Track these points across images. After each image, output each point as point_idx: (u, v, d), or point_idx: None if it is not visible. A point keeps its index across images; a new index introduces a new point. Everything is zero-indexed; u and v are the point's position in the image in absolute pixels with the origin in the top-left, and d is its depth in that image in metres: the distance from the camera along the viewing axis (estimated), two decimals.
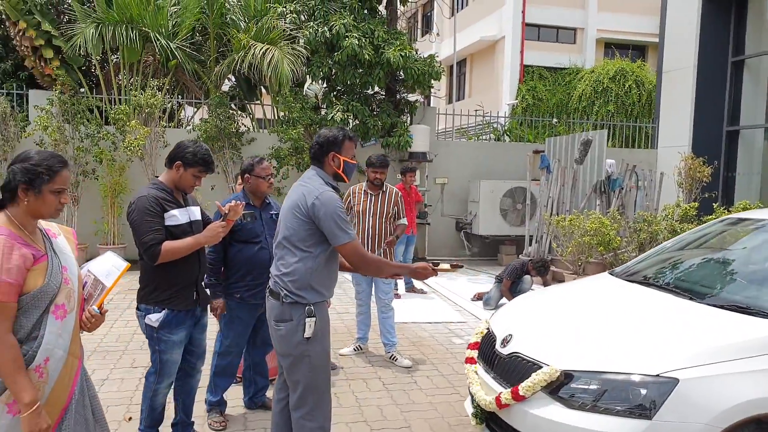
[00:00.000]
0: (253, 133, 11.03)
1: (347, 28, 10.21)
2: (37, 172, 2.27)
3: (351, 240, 2.99)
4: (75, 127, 9.59)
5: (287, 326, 3.02)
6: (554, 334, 3.40)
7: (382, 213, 5.51)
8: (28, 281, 2.21)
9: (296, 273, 3.01)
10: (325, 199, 2.95)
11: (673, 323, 3.18)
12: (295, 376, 3.08)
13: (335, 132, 3.15)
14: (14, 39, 10.25)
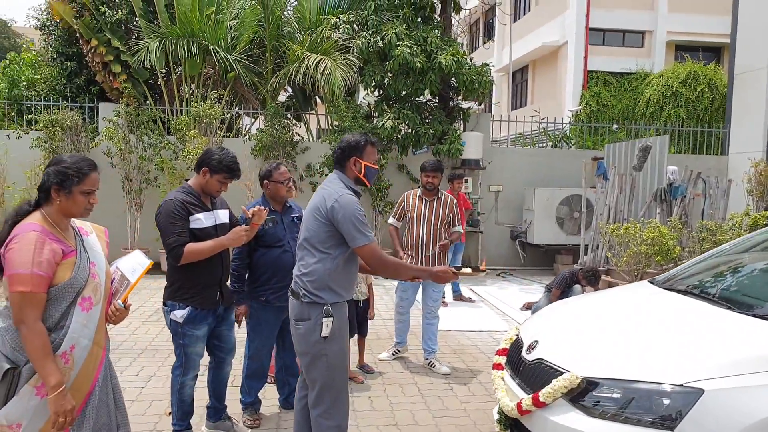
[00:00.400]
0: (307, 142, 11.24)
1: (399, 36, 10.27)
2: (67, 174, 2.46)
3: (369, 242, 3.02)
4: (139, 137, 10.08)
5: (305, 325, 3.09)
6: (580, 340, 3.30)
7: (436, 219, 5.46)
8: (58, 274, 2.38)
9: (315, 273, 3.08)
10: (344, 202, 3.01)
11: (705, 332, 3.02)
12: (312, 375, 3.13)
13: (357, 137, 3.19)
14: (87, 55, 10.89)
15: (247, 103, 11.81)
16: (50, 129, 9.67)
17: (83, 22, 10.60)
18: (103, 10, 10.58)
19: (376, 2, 10.74)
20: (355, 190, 3.17)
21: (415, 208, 5.49)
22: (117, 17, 10.67)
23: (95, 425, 2.49)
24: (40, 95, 11.36)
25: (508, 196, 11.89)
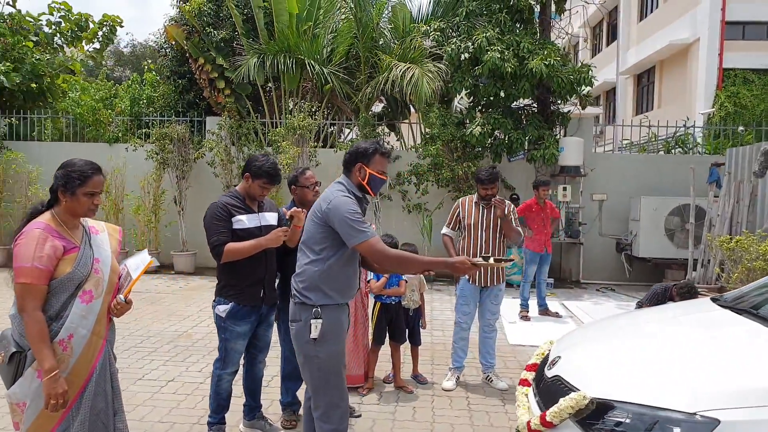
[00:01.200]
0: (397, 150, 11.26)
1: (490, 41, 10.00)
2: (71, 176, 2.64)
3: (366, 238, 2.93)
4: (239, 149, 10.65)
5: (297, 326, 3.08)
6: (605, 358, 2.97)
7: (495, 226, 5.14)
8: (59, 268, 2.57)
9: (305, 274, 3.06)
10: (337, 203, 2.96)
11: (743, 358, 2.59)
12: (306, 376, 3.14)
13: (368, 144, 3.14)
14: (196, 73, 11.72)
15: (343, 114, 12.08)
16: (161, 142, 10.51)
17: (192, 43, 11.43)
18: (209, 30, 11.34)
19: (468, 8, 10.55)
20: (358, 197, 3.10)
21: (472, 216, 5.19)
22: (221, 36, 11.38)
23: (92, 409, 2.64)
24: (157, 111, 12.40)
25: (613, 205, 11.13)
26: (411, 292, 5.12)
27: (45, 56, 12.28)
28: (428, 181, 10.42)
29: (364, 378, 4.99)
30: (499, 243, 5.19)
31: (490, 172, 5.14)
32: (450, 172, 10.17)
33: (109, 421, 2.72)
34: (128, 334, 6.48)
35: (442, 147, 10.32)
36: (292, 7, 11.37)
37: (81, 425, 2.61)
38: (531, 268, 7.83)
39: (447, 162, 10.27)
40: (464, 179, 10.36)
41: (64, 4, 12.94)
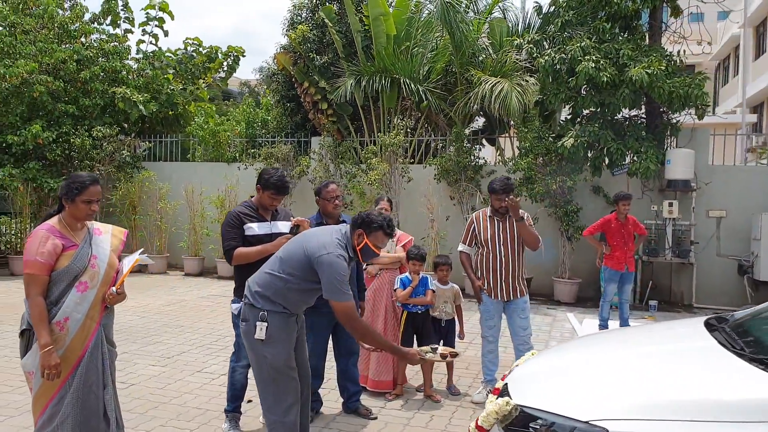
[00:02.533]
0: (492, 165, 11.14)
1: (585, 51, 9.63)
2: (71, 187, 3.14)
3: (345, 300, 3.14)
4: (336, 166, 11.18)
5: (245, 326, 3.31)
6: (548, 371, 2.92)
7: (512, 239, 4.97)
8: (59, 262, 3.06)
9: (264, 282, 3.31)
10: (331, 261, 3.15)
11: (662, 374, 2.50)
12: (255, 372, 3.35)
13: (377, 218, 3.31)
14: (301, 96, 12.50)
15: (441, 131, 12.19)
16: (268, 160, 11.35)
17: (298, 68, 12.23)
18: (313, 56, 12.07)
19: (564, 18, 10.25)
20: (348, 254, 3.28)
21: (488, 230, 5.02)
22: (323, 61, 12.06)
23: (86, 381, 3.08)
24: (269, 133, 13.38)
25: (734, 223, 10.12)
26: (443, 303, 5.12)
27: (179, 86, 13.79)
28: (519, 196, 10.17)
29: (393, 384, 5.05)
30: (519, 255, 5.01)
31: (504, 182, 4.97)
32: (543, 186, 9.88)
33: (100, 392, 3.15)
34: (207, 333, 7.07)
35: (534, 160, 10.06)
36: (390, 29, 11.76)
37: (74, 393, 3.06)
38: (610, 287, 7.37)
39: (540, 176, 9.98)
40: (560, 194, 10.00)
41: (196, 39, 14.46)
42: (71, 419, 3.03)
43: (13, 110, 11.99)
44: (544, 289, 10.53)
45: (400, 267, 5.19)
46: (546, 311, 9.23)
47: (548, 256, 10.54)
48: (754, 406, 2.03)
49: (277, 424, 3.27)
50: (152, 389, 5.08)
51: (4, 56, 11.80)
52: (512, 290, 4.98)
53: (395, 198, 10.89)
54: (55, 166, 12.08)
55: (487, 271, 5.01)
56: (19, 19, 12.18)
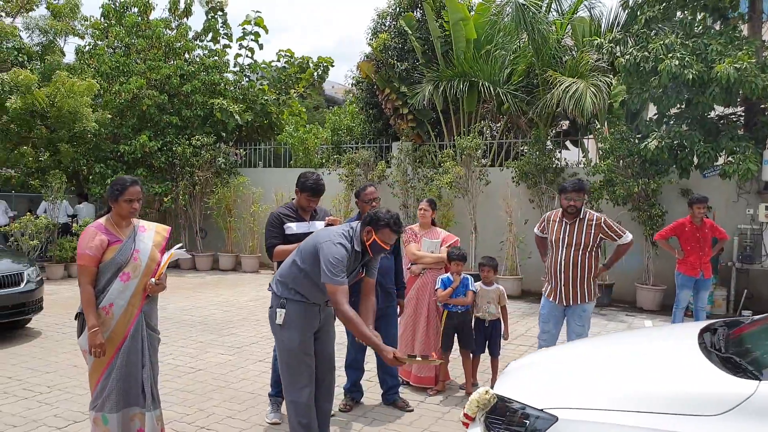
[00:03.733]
0: (574, 168, 10.89)
1: (669, 48, 9.22)
2: (114, 189, 3.58)
3: (334, 283, 3.34)
4: (414, 170, 11.41)
5: (270, 311, 3.65)
6: (534, 367, 3.01)
7: (577, 244, 4.84)
8: (105, 255, 3.51)
9: (284, 271, 3.63)
10: (328, 246, 3.43)
11: (626, 368, 2.60)
12: (277, 354, 3.67)
13: (384, 216, 3.51)
14: (382, 103, 12.85)
15: (523, 133, 12.07)
16: (349, 166, 11.79)
17: (380, 75, 12.59)
18: (393, 62, 12.38)
19: (648, 15, 9.86)
20: (355, 248, 3.51)
21: (554, 232, 4.97)
22: (403, 67, 12.34)
23: (128, 361, 3.51)
24: (354, 139, 13.86)
25: None
26: (486, 303, 5.18)
27: (272, 96, 14.63)
28: (600, 199, 9.90)
29: (435, 380, 5.19)
30: (584, 260, 4.89)
31: (575, 181, 4.93)
32: (624, 189, 9.55)
33: (139, 370, 3.55)
34: None
35: (616, 162, 9.74)
36: (470, 33, 11.83)
37: (119, 370, 3.49)
38: (683, 294, 7.01)
39: (621, 179, 9.65)
40: (644, 197, 9.62)
41: (288, 51, 15.27)
42: (116, 392, 3.45)
43: (126, 122, 13.30)
44: (626, 295, 10.16)
45: (444, 267, 5.32)
46: (623, 318, 8.92)
47: (631, 262, 10.14)
48: (696, 401, 2.02)
49: (290, 404, 3.57)
50: (216, 375, 5.55)
51: (120, 74, 13.13)
52: (572, 295, 4.87)
53: (472, 201, 10.94)
54: (160, 172, 13.23)
55: (550, 272, 4.98)
56: (132, 41, 13.50)
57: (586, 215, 4.96)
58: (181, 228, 13.74)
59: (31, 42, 13.51)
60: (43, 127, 11.84)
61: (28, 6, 13.53)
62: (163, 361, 5.87)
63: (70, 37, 14.77)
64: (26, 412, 4.56)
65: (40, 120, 11.60)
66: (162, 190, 12.83)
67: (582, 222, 4.91)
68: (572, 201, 4.83)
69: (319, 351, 3.69)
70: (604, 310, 9.49)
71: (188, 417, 4.47)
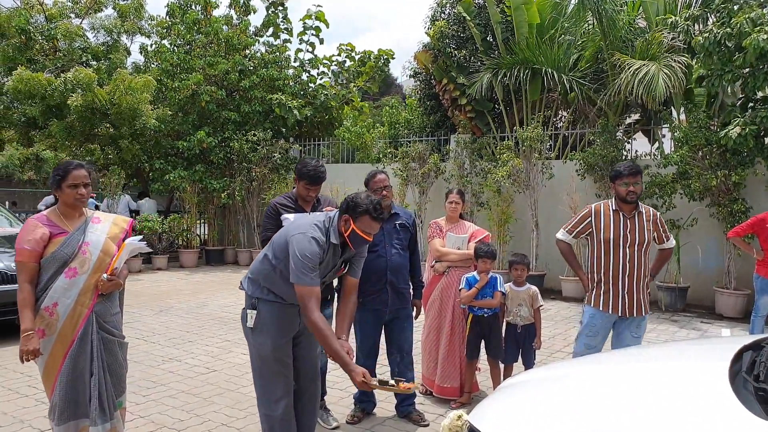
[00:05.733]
0: (646, 159, 9.94)
1: (755, 22, 8.17)
2: (55, 175, 3.21)
3: (303, 283, 2.91)
4: (471, 163, 10.81)
5: (242, 312, 3.25)
6: (529, 391, 2.45)
7: (641, 241, 4.15)
8: (48, 249, 3.13)
9: (254, 266, 3.23)
10: (298, 240, 2.99)
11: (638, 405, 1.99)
12: (250, 360, 3.28)
13: (363, 201, 3.07)
14: (440, 94, 12.29)
15: (591, 123, 11.17)
16: (404, 160, 11.34)
17: (438, 65, 12.05)
18: (451, 52, 11.79)
19: None
20: (332, 241, 3.07)
21: (611, 228, 4.19)
22: (461, 55, 11.73)
23: (75, 366, 3.13)
24: (413, 132, 13.38)
25: None
26: (517, 306, 4.60)
27: (332, 91, 14.41)
28: (674, 193, 8.95)
29: (460, 392, 4.68)
30: (646, 262, 4.21)
31: (630, 164, 4.21)
32: (700, 182, 8.57)
33: (86, 380, 3.15)
34: None
35: (692, 153, 8.76)
36: (533, 18, 11.09)
37: (63, 377, 3.12)
38: (763, 300, 6.07)
39: (697, 170, 8.66)
40: (724, 191, 8.60)
41: (349, 44, 15.00)
42: (61, 402, 3.09)
43: (186, 119, 13.47)
44: (704, 300, 9.13)
45: (473, 266, 4.78)
46: (697, 326, 7.97)
47: (710, 264, 9.14)
48: None
49: (264, 417, 3.17)
50: (229, 377, 5.26)
51: (181, 71, 13.31)
52: (636, 305, 4.17)
53: (533, 196, 10.23)
54: (219, 168, 13.30)
55: (606, 278, 4.19)
56: (193, 37, 13.66)
57: (644, 209, 4.27)
58: (240, 224, 13.79)
59: (96, 42, 13.94)
60: (107, 124, 12.15)
61: (96, 7, 13.97)
62: (181, 361, 5.73)
63: (137, 36, 15.17)
64: (18, 411, 4.40)
65: (103, 117, 11.89)
66: (220, 186, 12.88)
67: (641, 215, 4.21)
68: (631, 186, 4.11)
69: (301, 357, 3.28)
70: (677, 316, 8.55)
71: (181, 423, 4.17)
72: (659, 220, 4.33)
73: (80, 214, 3.28)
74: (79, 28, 13.22)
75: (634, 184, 4.14)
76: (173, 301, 8.85)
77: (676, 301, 8.91)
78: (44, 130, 12.48)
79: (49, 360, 3.14)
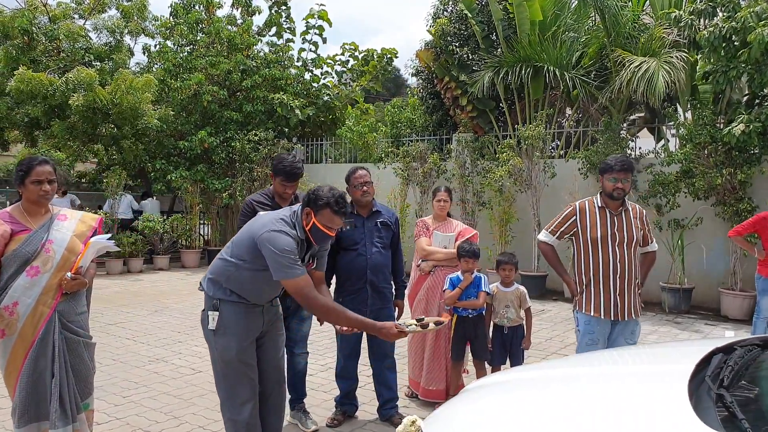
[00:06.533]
0: (649, 157, 9.75)
1: (761, 16, 7.99)
2: (18, 172, 3.13)
3: (293, 276, 2.83)
4: (472, 163, 10.66)
5: (202, 314, 3.13)
6: (484, 398, 2.34)
7: (630, 239, 3.97)
8: (9, 246, 3.04)
9: (215, 267, 3.10)
10: (268, 237, 2.88)
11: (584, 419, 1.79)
12: (211, 363, 3.17)
13: (325, 194, 2.96)
14: (441, 92, 12.16)
15: (594, 122, 11.00)
16: (405, 159, 11.22)
17: (439, 64, 11.92)
18: (452, 49, 11.66)
19: None
20: (297, 234, 2.96)
21: (598, 226, 3.99)
22: (462, 53, 11.59)
23: (35, 367, 3.04)
24: (415, 131, 13.26)
25: None
26: (504, 308, 4.48)
27: (336, 90, 14.33)
28: (677, 192, 8.76)
29: (445, 394, 4.56)
30: (636, 263, 4.04)
31: (621, 158, 4.02)
32: (705, 180, 8.38)
33: (47, 381, 3.05)
34: None
35: (697, 151, 8.57)
36: (535, 15, 10.94)
37: (24, 378, 3.03)
38: (765, 301, 5.87)
39: (702, 169, 8.47)
40: (730, 189, 8.40)
41: (353, 44, 14.92)
42: (21, 404, 3.01)
43: (189, 119, 13.45)
44: (710, 302, 8.94)
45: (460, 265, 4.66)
46: (700, 328, 7.78)
47: (715, 264, 8.95)
48: None
49: (229, 422, 3.07)
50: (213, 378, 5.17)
51: (183, 71, 13.29)
52: (629, 307, 4.00)
53: (535, 195, 10.08)
54: (220, 168, 13.25)
55: (596, 280, 3.99)
56: (195, 37, 13.63)
57: (630, 206, 4.11)
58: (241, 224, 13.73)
59: (99, 42, 13.96)
60: (109, 124, 12.15)
61: (99, 8, 13.99)
62: (168, 362, 5.66)
63: (141, 37, 15.18)
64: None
65: (104, 117, 11.89)
66: (221, 186, 12.84)
67: (628, 213, 4.04)
68: (619, 183, 3.91)
69: (264, 360, 3.18)
70: (681, 318, 8.37)
71: (157, 425, 4.08)
72: (646, 219, 4.18)
73: (46, 211, 3.19)
74: (82, 28, 13.22)
75: (623, 181, 3.95)
76: (170, 301, 8.80)
77: (681, 302, 8.72)
78: (47, 131, 12.50)
79: (9, 361, 3.06)
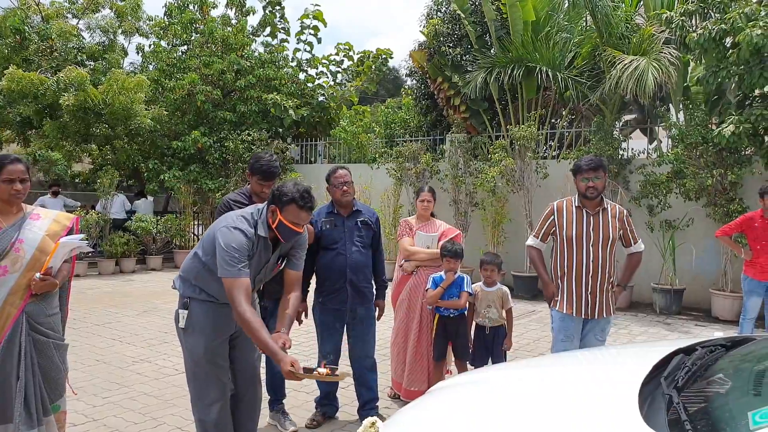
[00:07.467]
0: (641, 158, 9.74)
1: (749, 17, 7.98)
2: None
3: (227, 276, 2.80)
4: (465, 163, 10.65)
5: (174, 313, 3.12)
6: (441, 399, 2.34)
7: (605, 239, 3.97)
8: None
9: (185, 264, 3.11)
10: (223, 233, 2.89)
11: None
12: (183, 362, 3.16)
13: (290, 190, 2.92)
14: (435, 93, 12.14)
15: (587, 122, 10.99)
16: (398, 160, 11.21)
17: (432, 64, 11.90)
18: (445, 50, 11.64)
19: None
20: (258, 232, 2.94)
21: (573, 225, 4.01)
22: (455, 54, 11.57)
23: (1, 371, 2.96)
24: (409, 132, 13.25)
25: None
26: (486, 307, 4.46)
27: (329, 90, 14.31)
28: (669, 193, 8.75)
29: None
30: (611, 262, 4.03)
31: (591, 158, 4.02)
32: (695, 181, 8.37)
33: (12, 384, 2.98)
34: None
35: (688, 151, 8.56)
36: (528, 15, 10.92)
37: None
38: (752, 302, 5.87)
39: (693, 169, 8.47)
40: (721, 190, 8.39)
41: (347, 44, 14.90)
42: None
43: (183, 119, 13.42)
44: (700, 303, 8.93)
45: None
46: (689, 329, 7.76)
47: (706, 265, 8.93)
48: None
49: (198, 423, 3.06)
50: None
51: (178, 71, 13.27)
52: (599, 306, 4.02)
53: (527, 196, 10.06)
54: (214, 168, 13.23)
55: (569, 278, 4.02)
56: (189, 37, 13.62)
57: (609, 206, 4.09)
58: None
59: (92, 42, 13.94)
60: (102, 124, 12.13)
61: (93, 7, 13.97)
62: (151, 362, 5.64)
63: (135, 37, 15.15)
64: None
65: (97, 117, 11.87)
66: (215, 186, 12.81)
67: (605, 212, 4.03)
68: (590, 182, 3.91)
69: (238, 360, 3.16)
70: (671, 319, 8.35)
71: (134, 427, 4.06)
72: (627, 219, 4.16)
73: (18, 210, 3.14)
74: (74, 28, 13.21)
75: (594, 179, 3.94)
76: (159, 301, 8.78)
77: (671, 303, 8.70)
78: (39, 130, 12.49)
79: None
